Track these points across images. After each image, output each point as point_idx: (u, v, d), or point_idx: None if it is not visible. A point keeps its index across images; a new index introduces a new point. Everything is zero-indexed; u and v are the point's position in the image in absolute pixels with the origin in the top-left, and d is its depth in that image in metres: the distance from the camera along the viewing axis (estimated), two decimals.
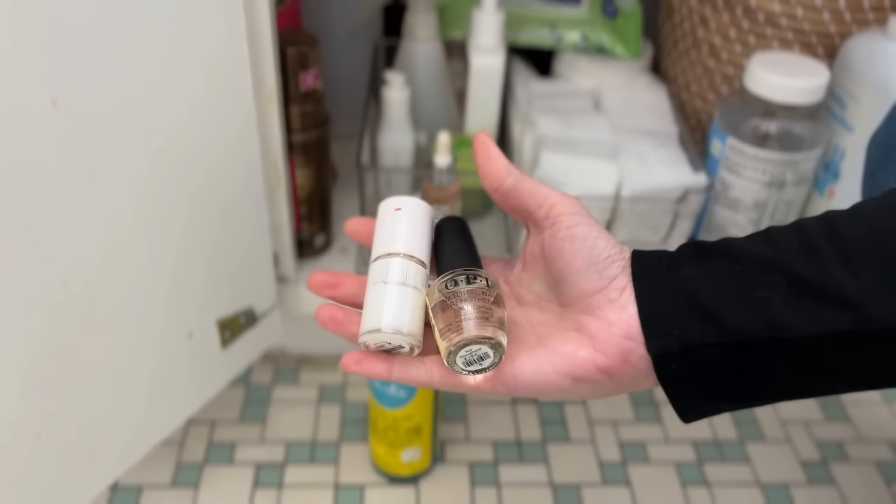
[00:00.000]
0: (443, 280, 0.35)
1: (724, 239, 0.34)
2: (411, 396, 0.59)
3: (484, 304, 0.34)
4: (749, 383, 0.32)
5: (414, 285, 0.36)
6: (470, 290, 0.34)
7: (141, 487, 0.64)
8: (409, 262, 0.37)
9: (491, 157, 0.39)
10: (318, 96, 0.62)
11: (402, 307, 0.35)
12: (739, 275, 0.32)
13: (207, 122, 0.49)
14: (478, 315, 0.33)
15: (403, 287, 0.36)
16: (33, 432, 0.46)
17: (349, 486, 0.65)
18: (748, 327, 0.31)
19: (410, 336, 0.35)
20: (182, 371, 0.56)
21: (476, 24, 0.71)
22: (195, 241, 0.53)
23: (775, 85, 0.61)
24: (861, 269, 0.30)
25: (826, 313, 0.30)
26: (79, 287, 0.45)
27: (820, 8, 0.64)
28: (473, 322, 0.33)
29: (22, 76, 0.38)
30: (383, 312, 0.35)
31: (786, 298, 0.31)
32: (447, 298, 0.34)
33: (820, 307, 0.30)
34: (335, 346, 0.77)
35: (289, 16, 0.68)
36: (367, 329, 0.36)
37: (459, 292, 0.34)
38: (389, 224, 0.38)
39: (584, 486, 0.66)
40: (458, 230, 0.40)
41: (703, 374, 0.32)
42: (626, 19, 0.79)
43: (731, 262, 0.32)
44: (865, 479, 0.68)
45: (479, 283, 0.35)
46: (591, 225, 0.36)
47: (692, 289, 0.32)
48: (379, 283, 0.36)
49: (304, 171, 0.64)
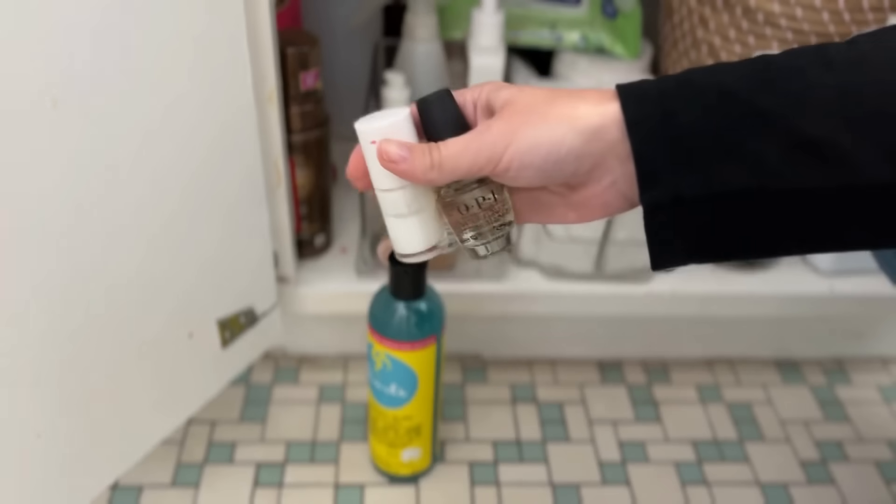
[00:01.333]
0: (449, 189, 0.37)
1: (719, 73, 0.33)
2: (411, 396, 0.59)
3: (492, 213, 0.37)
4: (733, 237, 0.33)
5: (417, 210, 0.38)
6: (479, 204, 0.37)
7: (141, 487, 0.64)
8: (401, 192, 0.37)
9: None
10: (318, 96, 0.62)
11: (412, 234, 0.38)
12: (736, 122, 0.31)
13: (208, 122, 0.50)
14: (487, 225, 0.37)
15: (408, 217, 0.38)
16: (34, 432, 0.46)
17: (349, 486, 0.65)
18: (739, 181, 0.31)
19: (430, 251, 0.39)
20: (182, 371, 0.57)
21: (476, 24, 0.71)
22: (195, 240, 0.53)
23: None
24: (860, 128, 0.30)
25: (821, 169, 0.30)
26: (79, 287, 0.45)
27: (819, 8, 0.64)
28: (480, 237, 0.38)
29: (22, 76, 0.38)
30: (400, 243, 0.39)
31: (780, 153, 0.30)
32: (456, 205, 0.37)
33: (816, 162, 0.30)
34: (335, 346, 0.77)
35: (289, 16, 0.68)
36: (399, 254, 0.40)
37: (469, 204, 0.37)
38: (372, 157, 0.37)
39: (583, 486, 0.66)
40: (440, 107, 0.37)
41: (691, 228, 0.33)
42: (625, 20, 0.79)
43: (726, 108, 0.31)
44: (865, 478, 0.68)
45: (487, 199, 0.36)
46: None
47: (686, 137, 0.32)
48: (389, 216, 0.38)
49: (305, 172, 0.64)
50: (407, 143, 0.35)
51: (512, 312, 0.69)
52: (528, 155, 0.33)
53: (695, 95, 0.32)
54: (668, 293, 0.68)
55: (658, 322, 0.74)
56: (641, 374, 0.77)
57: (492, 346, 0.78)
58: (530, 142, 0.33)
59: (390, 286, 0.55)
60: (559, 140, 0.33)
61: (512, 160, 0.33)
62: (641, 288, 0.68)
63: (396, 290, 0.55)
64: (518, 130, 0.33)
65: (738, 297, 0.70)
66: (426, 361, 0.57)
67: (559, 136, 0.33)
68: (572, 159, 0.33)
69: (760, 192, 0.31)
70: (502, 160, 0.33)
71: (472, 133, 0.34)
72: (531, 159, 0.33)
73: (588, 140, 0.32)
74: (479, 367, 0.77)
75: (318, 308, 0.68)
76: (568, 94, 0.34)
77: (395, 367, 0.57)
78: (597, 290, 0.68)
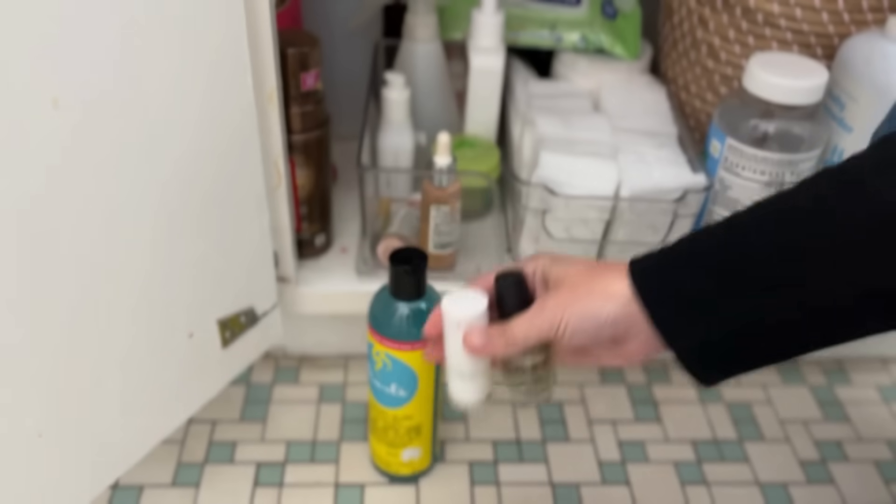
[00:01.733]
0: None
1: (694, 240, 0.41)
2: (411, 396, 0.59)
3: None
4: (756, 354, 0.41)
5: (478, 373, 0.47)
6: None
7: (142, 487, 0.64)
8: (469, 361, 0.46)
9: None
10: (318, 97, 0.63)
11: (470, 391, 0.48)
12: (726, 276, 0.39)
13: (208, 122, 0.50)
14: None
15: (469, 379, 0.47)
16: (35, 431, 0.47)
17: (349, 486, 0.65)
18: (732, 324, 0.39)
19: (480, 401, 0.48)
20: (183, 370, 0.57)
21: (476, 24, 0.71)
22: (196, 240, 0.53)
23: (774, 85, 0.61)
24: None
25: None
26: (80, 287, 0.46)
27: (819, 9, 0.64)
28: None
29: (23, 76, 0.38)
30: (457, 396, 0.48)
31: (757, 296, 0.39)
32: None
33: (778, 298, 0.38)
34: (335, 346, 0.77)
35: (289, 16, 0.68)
36: (453, 403, 0.49)
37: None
38: (454, 338, 0.46)
39: (583, 486, 0.66)
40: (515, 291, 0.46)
41: (715, 359, 0.41)
42: (625, 20, 0.79)
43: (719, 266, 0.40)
44: (864, 478, 0.69)
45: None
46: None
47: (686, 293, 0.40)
48: (452, 374, 0.47)
49: (305, 172, 0.64)
50: (486, 330, 0.44)
51: None
52: (580, 324, 0.42)
53: (690, 260, 0.41)
54: None
55: None
56: (641, 374, 0.77)
57: None
58: (580, 314, 0.42)
59: (390, 286, 0.55)
60: (601, 312, 0.42)
61: (566, 329, 0.42)
62: None
63: (396, 290, 0.55)
64: (570, 305, 0.42)
65: None
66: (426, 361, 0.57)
67: (600, 308, 0.42)
68: (610, 325, 0.42)
69: (754, 325, 0.39)
70: (559, 329, 0.42)
71: (534, 310, 0.43)
72: (582, 327, 0.42)
73: (621, 309, 0.41)
74: None
75: (318, 308, 0.68)
76: (603, 269, 0.43)
77: (396, 367, 0.57)
78: None
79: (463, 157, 0.70)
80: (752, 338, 0.39)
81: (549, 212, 0.63)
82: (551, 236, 0.65)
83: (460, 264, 0.69)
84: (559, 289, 0.44)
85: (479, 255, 0.70)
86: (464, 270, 0.68)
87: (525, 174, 0.68)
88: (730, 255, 0.39)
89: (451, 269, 0.68)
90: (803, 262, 0.37)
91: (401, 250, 0.55)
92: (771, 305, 0.38)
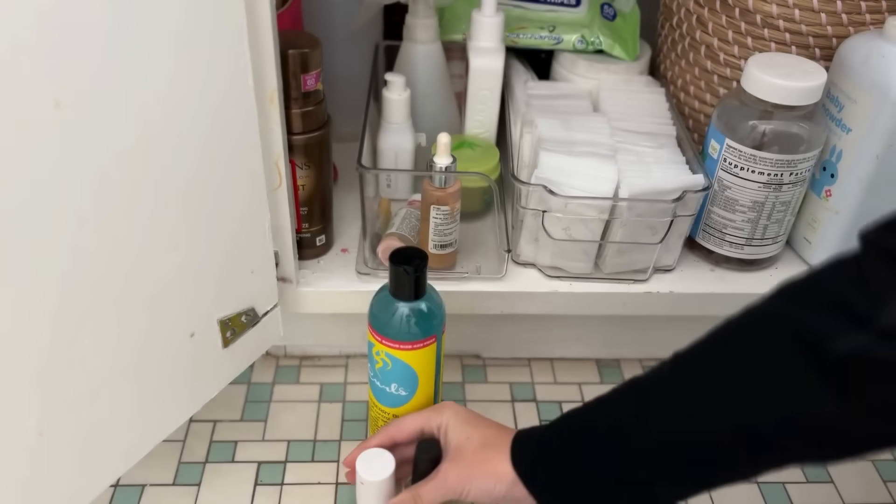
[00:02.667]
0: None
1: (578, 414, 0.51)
2: (411, 395, 0.59)
3: None
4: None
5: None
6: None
7: (143, 486, 0.64)
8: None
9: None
10: (319, 97, 0.63)
11: None
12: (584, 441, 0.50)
13: (209, 123, 0.50)
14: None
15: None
16: (36, 430, 0.47)
17: (350, 485, 0.65)
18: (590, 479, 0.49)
19: None
20: (184, 370, 0.57)
21: (476, 25, 0.71)
22: (197, 241, 0.53)
23: (773, 86, 0.61)
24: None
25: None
26: (81, 287, 0.46)
27: (817, 10, 0.65)
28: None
29: (24, 77, 0.38)
30: None
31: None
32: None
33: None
34: (336, 346, 0.77)
35: (290, 17, 0.68)
36: None
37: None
38: (363, 492, 0.57)
39: None
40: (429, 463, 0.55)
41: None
42: (624, 21, 0.80)
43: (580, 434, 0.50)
44: (863, 477, 0.69)
45: None
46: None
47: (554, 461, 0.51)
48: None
49: (306, 172, 0.65)
50: (394, 500, 0.55)
51: (511, 312, 0.69)
52: (479, 496, 0.52)
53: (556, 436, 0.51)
54: (667, 293, 0.68)
55: (657, 321, 0.74)
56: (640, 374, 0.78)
57: (491, 345, 0.78)
58: (478, 490, 0.52)
59: (390, 286, 0.56)
60: (493, 490, 0.52)
61: (469, 496, 0.53)
62: (640, 288, 0.68)
63: (396, 290, 0.55)
64: (468, 481, 0.52)
65: (737, 297, 0.71)
66: (426, 361, 0.58)
67: (493, 488, 0.52)
68: (503, 499, 0.52)
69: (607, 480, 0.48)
70: (462, 496, 0.53)
71: (439, 478, 0.53)
72: (480, 499, 0.53)
73: (508, 489, 0.51)
74: (479, 367, 0.78)
75: (318, 308, 0.68)
76: (493, 446, 0.53)
77: (396, 367, 0.57)
78: (596, 289, 0.68)
79: (463, 158, 0.70)
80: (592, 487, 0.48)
81: (549, 212, 0.64)
82: (551, 236, 0.65)
83: (460, 264, 0.69)
84: (458, 461, 0.53)
85: (479, 255, 0.71)
86: (464, 270, 0.68)
87: (524, 175, 0.68)
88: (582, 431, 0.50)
89: (451, 268, 0.68)
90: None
91: (401, 250, 0.55)
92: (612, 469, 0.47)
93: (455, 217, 0.65)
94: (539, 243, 0.67)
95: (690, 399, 0.44)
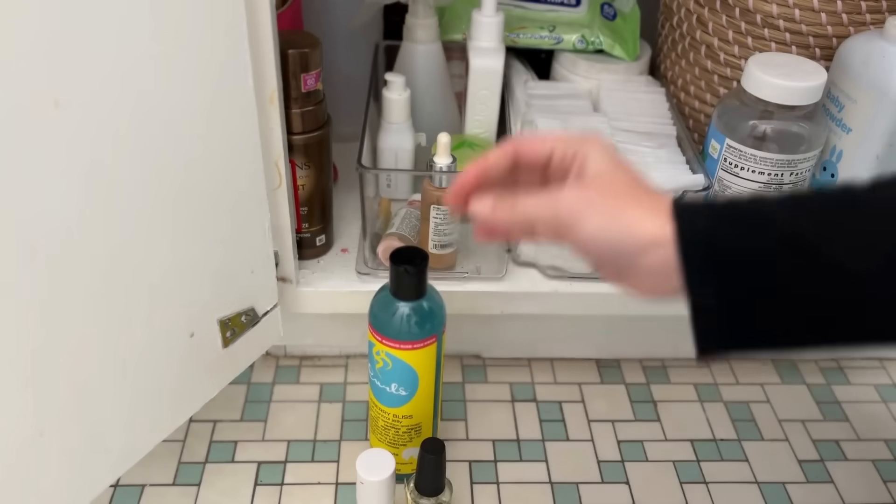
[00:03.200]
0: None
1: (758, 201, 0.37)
2: (412, 395, 0.59)
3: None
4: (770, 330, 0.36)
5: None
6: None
7: (143, 486, 0.64)
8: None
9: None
10: (319, 97, 0.63)
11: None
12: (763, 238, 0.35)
13: (209, 122, 0.50)
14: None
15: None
16: (36, 431, 0.47)
17: (350, 485, 0.65)
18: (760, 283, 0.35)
19: None
20: (184, 370, 0.57)
21: (476, 25, 0.71)
22: (197, 240, 0.53)
23: (773, 86, 0.61)
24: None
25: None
26: (81, 287, 0.46)
27: (817, 10, 0.65)
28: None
29: (24, 77, 0.38)
30: None
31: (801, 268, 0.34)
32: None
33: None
34: (336, 346, 0.77)
35: (290, 17, 0.68)
36: None
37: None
38: (364, 494, 0.56)
39: (582, 485, 0.66)
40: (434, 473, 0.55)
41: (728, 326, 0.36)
42: (624, 21, 0.79)
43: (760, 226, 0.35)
44: (863, 478, 0.69)
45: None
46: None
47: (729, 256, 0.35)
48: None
49: (305, 172, 0.65)
50: (491, 201, 0.41)
51: (511, 312, 0.69)
52: (588, 244, 0.38)
53: (737, 219, 0.36)
54: None
55: (657, 321, 0.74)
56: (640, 374, 0.78)
57: (491, 345, 0.78)
58: (593, 233, 0.37)
59: (391, 286, 0.56)
60: (618, 242, 0.37)
61: (575, 241, 0.38)
62: None
63: (397, 290, 0.55)
64: (588, 210, 0.37)
65: None
66: (427, 361, 0.57)
67: (620, 239, 0.37)
68: (625, 259, 0.37)
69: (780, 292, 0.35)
70: (566, 236, 0.38)
71: (550, 194, 0.39)
72: (588, 248, 0.38)
73: (643, 250, 0.37)
74: (479, 367, 0.78)
75: (318, 308, 0.68)
76: (642, 196, 0.38)
77: (396, 367, 0.57)
78: (596, 289, 0.68)
79: (463, 158, 0.70)
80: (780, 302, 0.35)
81: None
82: None
83: (460, 264, 0.69)
84: (584, 188, 0.39)
85: (479, 255, 0.70)
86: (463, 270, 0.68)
87: None
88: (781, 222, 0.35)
89: (451, 268, 0.68)
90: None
91: (401, 250, 0.55)
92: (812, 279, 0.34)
93: (455, 217, 0.65)
94: (539, 243, 0.67)
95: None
